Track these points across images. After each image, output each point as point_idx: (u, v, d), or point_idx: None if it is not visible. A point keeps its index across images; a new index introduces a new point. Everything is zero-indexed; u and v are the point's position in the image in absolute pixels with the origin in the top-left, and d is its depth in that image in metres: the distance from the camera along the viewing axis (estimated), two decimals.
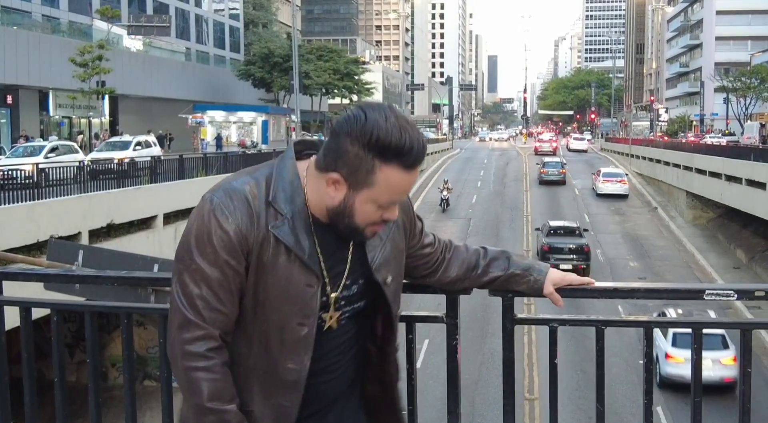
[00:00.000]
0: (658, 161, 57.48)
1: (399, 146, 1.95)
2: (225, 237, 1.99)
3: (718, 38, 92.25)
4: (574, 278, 2.57)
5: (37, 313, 2.87)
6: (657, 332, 35.54)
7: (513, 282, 2.52)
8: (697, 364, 2.65)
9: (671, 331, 21.48)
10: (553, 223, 36.25)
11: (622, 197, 53.68)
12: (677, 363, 20.11)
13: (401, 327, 2.65)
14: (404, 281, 2.42)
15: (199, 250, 2.01)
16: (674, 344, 21.01)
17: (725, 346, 20.84)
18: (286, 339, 2.08)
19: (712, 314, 23.41)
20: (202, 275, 2.01)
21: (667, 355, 21.08)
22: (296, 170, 2.10)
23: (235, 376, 2.11)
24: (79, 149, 30.05)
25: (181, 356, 2.04)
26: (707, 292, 2.56)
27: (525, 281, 2.51)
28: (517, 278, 2.52)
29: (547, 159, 64.86)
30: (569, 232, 34.91)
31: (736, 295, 2.56)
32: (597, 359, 2.68)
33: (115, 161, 22.12)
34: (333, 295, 2.13)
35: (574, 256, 32.97)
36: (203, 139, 53.81)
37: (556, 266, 3.03)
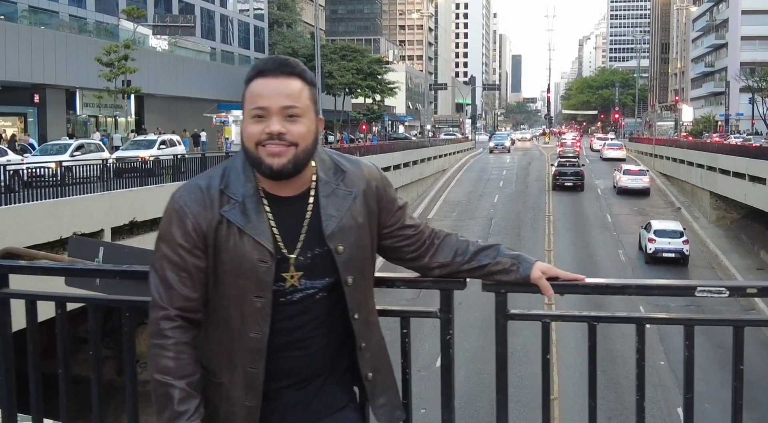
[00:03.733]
0: (682, 161, 57.15)
1: (255, 64, 2.33)
2: (181, 225, 2.26)
3: (743, 38, 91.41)
4: (561, 272, 2.60)
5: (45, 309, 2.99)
6: (642, 230, 39.32)
7: (501, 271, 2.56)
8: (689, 361, 2.66)
9: (653, 227, 37.02)
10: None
11: (643, 194, 53.67)
12: (658, 245, 35.80)
13: (396, 323, 2.72)
14: (397, 275, 2.58)
15: (163, 239, 2.30)
16: (656, 234, 36.25)
17: (681, 236, 36.40)
18: (245, 311, 2.28)
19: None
20: (165, 261, 2.28)
21: (650, 240, 36.09)
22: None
23: (208, 351, 2.35)
24: (105, 148, 30.32)
25: (150, 334, 2.28)
26: (699, 288, 2.57)
27: (513, 269, 2.56)
28: (506, 267, 2.56)
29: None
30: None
31: (728, 292, 2.57)
32: (589, 355, 2.72)
33: (140, 159, 22.35)
34: (291, 256, 2.30)
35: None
36: (227, 138, 54.17)
37: None
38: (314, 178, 2.36)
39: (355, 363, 2.46)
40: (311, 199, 2.34)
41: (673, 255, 36.04)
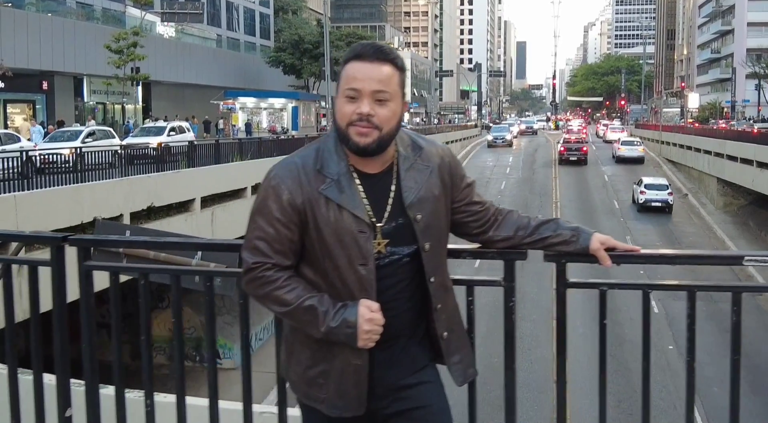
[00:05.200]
0: (689, 148, 57.18)
1: (353, 47, 2.51)
2: (277, 200, 2.47)
3: (749, 24, 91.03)
4: (619, 243, 2.79)
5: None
6: (634, 185, 46.89)
7: (562, 242, 2.77)
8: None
9: (644, 182, 45.82)
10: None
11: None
12: (648, 196, 44.24)
13: (461, 290, 2.90)
14: (463, 246, 2.79)
15: (259, 212, 2.51)
16: (646, 187, 44.78)
17: (667, 188, 45.08)
18: (352, 278, 2.49)
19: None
20: (259, 231, 2.50)
21: (641, 192, 44.70)
22: (338, 139, 2.53)
23: None
24: (115, 134, 30.46)
25: (254, 292, 2.53)
26: (746, 258, 2.76)
27: (573, 240, 2.76)
28: (566, 238, 2.77)
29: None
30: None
31: None
32: (643, 321, 2.89)
33: (154, 146, 22.45)
34: (378, 225, 2.51)
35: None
36: (234, 125, 54.29)
37: None
38: (395, 154, 2.57)
39: (431, 326, 2.67)
40: (394, 174, 2.56)
41: (660, 204, 44.26)
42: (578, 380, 19.65)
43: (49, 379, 3.38)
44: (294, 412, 3.50)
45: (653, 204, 44.37)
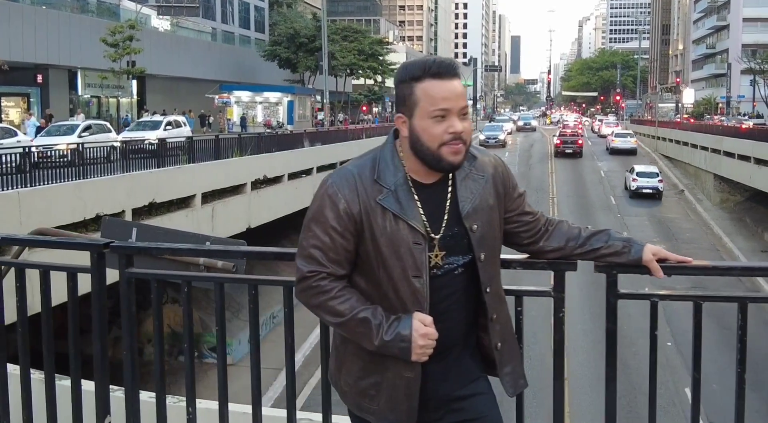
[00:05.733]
0: (685, 144, 57.32)
1: (423, 64, 2.44)
2: (334, 208, 2.45)
3: (745, 19, 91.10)
4: (671, 254, 2.77)
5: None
6: (627, 173, 50.42)
7: (614, 253, 2.75)
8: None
9: (636, 170, 49.82)
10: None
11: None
12: (639, 183, 47.74)
13: (510, 301, 2.87)
14: (512, 256, 2.77)
15: (315, 220, 2.48)
16: (637, 175, 48.28)
17: (657, 176, 49.06)
18: (407, 290, 2.47)
19: None
20: (315, 240, 2.47)
21: (633, 179, 48.21)
22: (395, 149, 2.53)
23: None
24: (112, 129, 30.34)
25: (308, 301, 2.50)
26: None
27: (624, 251, 2.74)
28: (618, 249, 2.75)
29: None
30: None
31: None
32: (694, 333, 2.88)
33: (155, 141, 22.37)
34: (436, 237, 2.49)
35: None
36: (229, 119, 54.16)
37: None
38: None
39: (480, 337, 2.66)
40: (450, 185, 2.54)
41: (650, 191, 47.77)
42: (578, 377, 19.82)
43: (87, 386, 3.34)
44: (302, 415, 3.51)
45: (644, 190, 47.60)
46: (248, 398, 3.19)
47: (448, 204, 2.53)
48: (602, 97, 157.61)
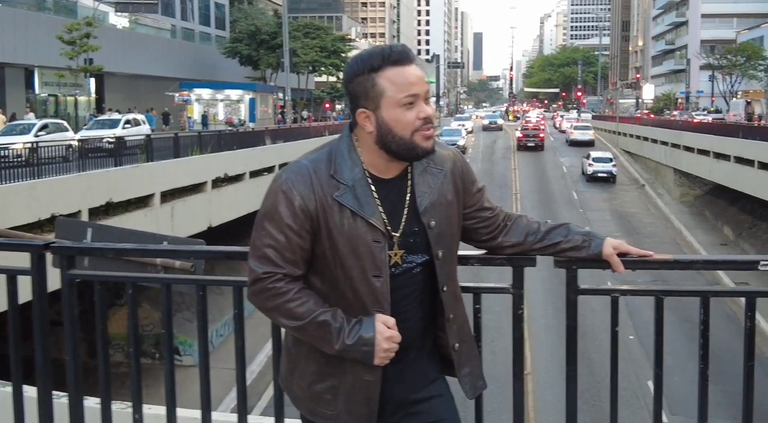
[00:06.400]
0: (646, 139, 57.95)
1: (380, 53, 2.33)
2: (289, 206, 2.32)
3: (704, 16, 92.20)
4: (632, 248, 2.70)
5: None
6: (583, 159, 54.16)
7: (573, 248, 2.67)
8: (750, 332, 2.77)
9: (592, 155, 53.47)
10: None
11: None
12: (595, 167, 51.37)
13: (468, 298, 2.79)
14: (470, 252, 2.69)
15: (269, 218, 2.35)
16: (593, 161, 52.10)
17: (611, 161, 53.05)
18: (366, 291, 2.36)
19: None
20: (269, 239, 2.34)
21: (589, 164, 51.81)
22: (352, 144, 2.41)
23: None
24: (69, 128, 29.85)
25: (263, 304, 2.37)
26: (762, 263, 2.69)
27: (584, 246, 2.67)
28: (577, 243, 2.67)
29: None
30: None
31: None
32: (655, 328, 2.81)
33: (112, 140, 22.01)
34: (395, 234, 2.39)
35: None
36: (190, 117, 53.61)
37: None
38: None
39: (438, 337, 2.56)
40: (409, 179, 2.44)
41: (605, 175, 51.72)
42: (541, 371, 19.88)
43: (27, 391, 3.20)
44: (254, 419, 3.40)
45: (599, 174, 51.59)
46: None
47: (407, 200, 2.43)
48: (564, 94, 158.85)
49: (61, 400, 3.28)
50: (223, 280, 2.97)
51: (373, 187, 2.39)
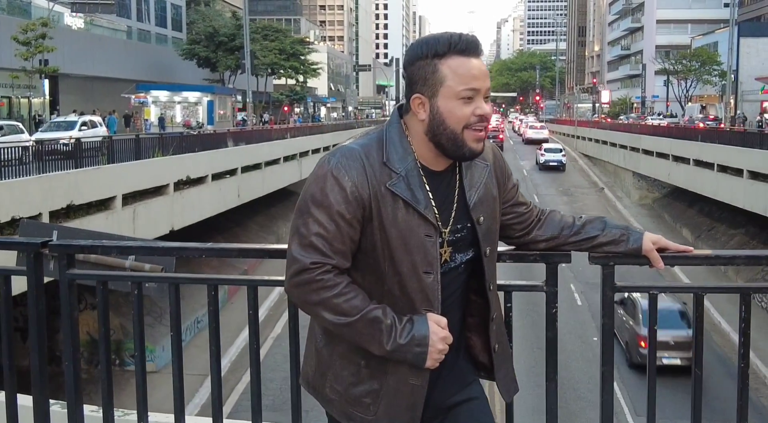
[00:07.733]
0: (605, 142, 58.60)
1: (448, 40, 2.17)
2: (342, 192, 2.14)
3: (659, 21, 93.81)
4: (671, 244, 2.59)
5: None
6: (537, 150, 58.63)
7: (611, 242, 2.54)
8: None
9: (544, 147, 61.51)
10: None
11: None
12: (546, 157, 59.56)
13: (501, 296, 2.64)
14: (501, 249, 2.53)
15: (318, 204, 2.15)
16: (545, 151, 59.94)
17: (561, 152, 60.98)
18: (416, 287, 2.20)
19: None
20: (317, 226, 2.14)
21: (541, 155, 59.92)
22: (403, 130, 2.25)
23: None
24: (24, 129, 29.24)
25: (307, 297, 2.16)
26: None
27: (623, 240, 2.53)
28: (615, 238, 2.54)
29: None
30: None
31: None
32: (696, 325, 2.70)
33: (70, 142, 21.49)
34: (444, 230, 2.25)
35: None
36: (147, 120, 52.91)
37: None
38: None
39: (468, 338, 2.45)
40: (457, 173, 2.31)
41: (555, 164, 58.62)
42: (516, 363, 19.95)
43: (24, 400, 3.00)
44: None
45: (551, 163, 58.49)
46: (172, 406, 2.91)
47: (456, 194, 2.29)
48: (521, 98, 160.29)
49: (53, 408, 3.08)
50: (199, 278, 2.82)
51: (425, 179, 2.23)
